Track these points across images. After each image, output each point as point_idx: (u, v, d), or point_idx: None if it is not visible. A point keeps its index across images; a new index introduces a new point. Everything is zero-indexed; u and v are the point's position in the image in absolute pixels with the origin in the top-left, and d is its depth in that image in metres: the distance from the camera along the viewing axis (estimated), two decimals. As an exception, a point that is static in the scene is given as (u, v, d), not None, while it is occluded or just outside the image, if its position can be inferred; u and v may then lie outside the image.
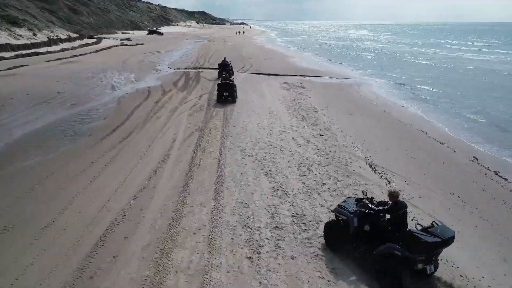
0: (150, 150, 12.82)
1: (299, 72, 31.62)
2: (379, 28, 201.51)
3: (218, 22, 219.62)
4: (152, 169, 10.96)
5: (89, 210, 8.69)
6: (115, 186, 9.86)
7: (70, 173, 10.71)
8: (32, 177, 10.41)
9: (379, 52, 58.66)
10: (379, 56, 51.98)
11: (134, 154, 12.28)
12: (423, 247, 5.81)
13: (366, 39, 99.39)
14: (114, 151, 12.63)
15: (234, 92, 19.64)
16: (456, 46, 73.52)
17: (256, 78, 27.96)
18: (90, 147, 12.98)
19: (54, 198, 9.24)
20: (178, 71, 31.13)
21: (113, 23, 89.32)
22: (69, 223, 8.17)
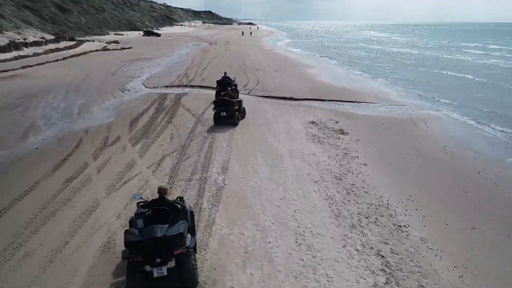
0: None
1: (326, 94, 21.69)
2: (386, 28, 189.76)
3: (225, 22, 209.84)
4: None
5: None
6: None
7: None
8: None
9: (408, 58, 48.34)
10: (414, 65, 41.72)
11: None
12: (129, 246, 5.30)
13: (381, 41, 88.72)
14: None
15: (235, 112, 14.60)
16: (483, 50, 62.76)
17: (264, 107, 18.12)
18: None
19: None
20: (153, 92, 21.41)
21: (108, 23, 79.95)
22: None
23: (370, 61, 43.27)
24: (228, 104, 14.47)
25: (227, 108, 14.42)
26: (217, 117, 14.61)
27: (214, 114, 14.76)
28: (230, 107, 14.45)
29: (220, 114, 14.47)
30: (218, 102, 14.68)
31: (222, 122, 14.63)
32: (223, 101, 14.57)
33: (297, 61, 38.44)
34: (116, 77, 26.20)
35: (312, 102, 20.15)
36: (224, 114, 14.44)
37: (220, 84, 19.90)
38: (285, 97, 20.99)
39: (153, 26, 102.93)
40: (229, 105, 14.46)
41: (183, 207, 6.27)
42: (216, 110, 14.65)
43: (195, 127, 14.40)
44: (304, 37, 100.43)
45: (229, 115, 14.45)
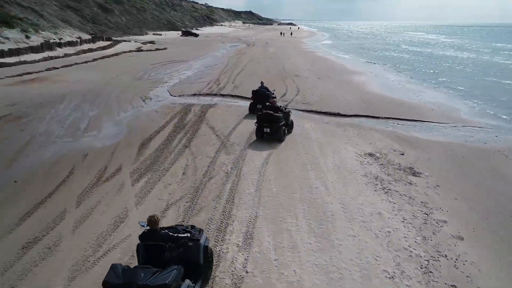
0: None
1: (380, 110, 17.78)
2: (431, 30, 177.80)
3: (265, 22, 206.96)
4: None
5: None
6: None
7: None
8: None
9: (466, 64, 42.63)
10: (476, 73, 36.29)
11: None
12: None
13: (430, 43, 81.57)
14: None
15: (280, 128, 12.58)
16: None
17: (305, 127, 14.56)
18: None
19: None
20: (176, 102, 18.50)
21: (148, 23, 79.29)
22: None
23: (424, 67, 38.25)
24: (272, 120, 12.38)
25: (272, 124, 12.39)
26: (260, 133, 12.73)
27: (257, 129, 12.79)
28: (274, 123, 12.39)
29: (263, 130, 12.57)
30: (262, 117, 12.58)
31: (265, 138, 12.68)
32: (267, 116, 12.48)
33: (342, 66, 34.35)
34: (141, 82, 23.62)
35: (364, 120, 16.35)
36: (267, 131, 12.51)
37: (256, 95, 16.72)
38: (331, 113, 17.30)
39: (193, 26, 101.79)
40: (274, 121, 12.39)
41: (195, 241, 5.21)
42: (258, 125, 12.69)
43: (217, 156, 11.15)
44: (346, 38, 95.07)
45: (274, 131, 12.46)
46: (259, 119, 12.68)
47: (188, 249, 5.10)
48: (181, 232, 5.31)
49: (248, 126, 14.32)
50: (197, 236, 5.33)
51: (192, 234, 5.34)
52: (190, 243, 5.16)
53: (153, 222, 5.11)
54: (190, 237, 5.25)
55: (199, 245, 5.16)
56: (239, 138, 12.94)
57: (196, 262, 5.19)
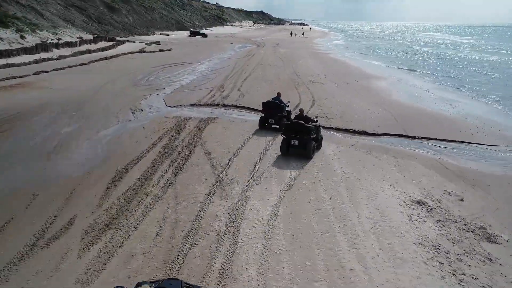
0: None
1: (414, 126, 14.56)
2: (445, 30, 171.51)
3: (276, 22, 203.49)
4: None
5: None
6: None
7: None
8: None
9: (495, 68, 38.85)
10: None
11: None
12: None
13: (448, 44, 77.20)
14: None
15: (311, 142, 10.64)
16: None
17: (326, 153, 11.41)
18: None
19: None
20: (171, 114, 15.53)
21: (156, 22, 76.74)
22: None
23: (448, 70, 34.63)
24: (303, 130, 10.66)
25: (301, 135, 10.66)
26: (286, 147, 10.93)
27: (283, 141, 11.07)
28: (305, 134, 10.68)
29: (290, 143, 10.83)
30: (290, 127, 10.98)
31: (291, 153, 10.95)
32: (297, 126, 10.83)
33: (359, 69, 31.01)
34: (136, 88, 20.74)
35: (396, 141, 13.18)
36: (295, 143, 10.76)
37: (267, 107, 13.75)
38: (355, 131, 14.13)
39: (203, 26, 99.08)
40: (304, 132, 10.68)
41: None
42: (286, 136, 10.94)
43: (208, 202, 8.11)
44: (359, 39, 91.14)
45: (303, 144, 10.70)
46: (287, 129, 10.95)
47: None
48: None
49: (253, 151, 11.27)
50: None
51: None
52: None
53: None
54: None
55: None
56: (241, 170, 9.88)
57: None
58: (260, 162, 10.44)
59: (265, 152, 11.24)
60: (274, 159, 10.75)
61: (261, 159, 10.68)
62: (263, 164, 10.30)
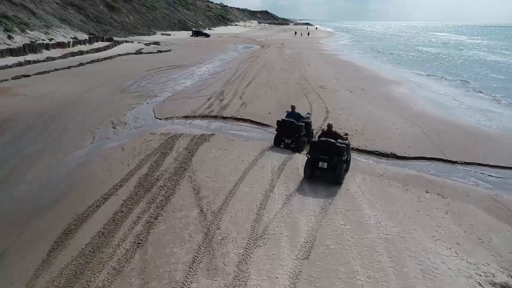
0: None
1: (452, 146, 11.84)
2: (454, 30, 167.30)
3: (281, 22, 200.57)
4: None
5: None
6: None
7: None
8: None
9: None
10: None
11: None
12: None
13: (458, 43, 73.98)
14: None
15: (342, 164, 8.86)
16: None
17: (350, 187, 8.74)
18: None
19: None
20: (159, 130, 12.90)
21: (157, 22, 74.23)
22: None
23: (467, 73, 31.75)
24: (333, 151, 8.96)
25: (331, 156, 8.93)
26: (311, 169, 9.15)
27: (307, 163, 9.25)
28: (335, 155, 8.94)
29: (318, 165, 9.07)
30: (318, 146, 9.19)
31: (316, 176, 9.15)
32: (326, 145, 9.09)
33: (373, 73, 28.24)
34: (124, 96, 18.14)
35: (435, 168, 10.48)
36: (324, 166, 9.00)
37: (283, 128, 11.12)
38: (382, 153, 11.44)
39: (206, 26, 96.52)
40: (335, 152, 8.95)
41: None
42: (311, 156, 9.20)
43: (188, 285, 5.45)
44: (365, 39, 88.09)
45: (332, 167, 8.94)
46: (314, 148, 9.19)
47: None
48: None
49: (256, 186, 8.61)
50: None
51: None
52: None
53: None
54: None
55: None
56: (239, 219, 7.23)
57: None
58: (265, 205, 7.78)
59: (272, 188, 8.57)
60: (283, 199, 8.08)
61: (266, 199, 8.01)
62: (269, 209, 7.64)
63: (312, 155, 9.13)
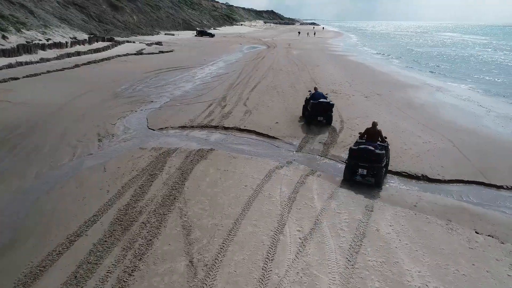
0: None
1: (489, 165, 9.98)
2: (467, 30, 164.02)
3: (287, 22, 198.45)
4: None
5: None
6: None
7: None
8: None
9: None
10: None
11: None
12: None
13: (469, 44, 71.55)
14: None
15: (381, 170, 8.68)
16: None
17: (380, 227, 6.96)
18: None
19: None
20: (149, 145, 11.19)
21: (161, 22, 72.73)
22: None
23: (485, 75, 29.67)
24: (372, 159, 8.56)
25: (372, 163, 8.54)
26: (350, 174, 8.90)
27: (347, 168, 8.98)
28: (375, 162, 8.54)
29: (357, 172, 8.79)
30: (357, 154, 8.73)
31: (355, 181, 8.86)
32: (365, 153, 8.63)
33: (387, 75, 26.33)
34: (116, 101, 16.49)
35: (477, 194, 8.67)
36: (363, 172, 8.70)
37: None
38: (411, 175, 9.62)
39: (211, 26, 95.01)
40: (374, 159, 8.54)
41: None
42: (351, 163, 8.83)
43: None
44: (374, 39, 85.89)
45: (372, 173, 8.64)
46: (353, 156, 8.86)
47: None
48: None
49: (262, 225, 6.84)
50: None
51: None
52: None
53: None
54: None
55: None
56: (239, 278, 5.48)
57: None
58: (274, 253, 6.02)
59: (282, 228, 6.80)
60: (297, 245, 6.31)
61: (275, 245, 6.25)
62: (279, 261, 5.87)
63: (352, 161, 8.80)
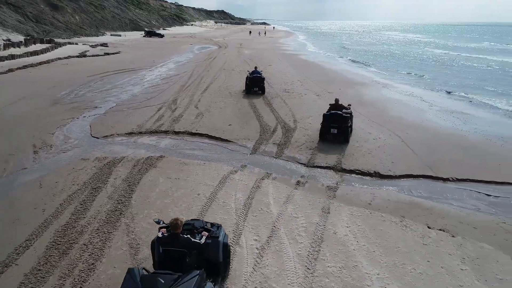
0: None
1: (436, 158, 10.34)
2: (415, 29, 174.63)
3: (238, 22, 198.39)
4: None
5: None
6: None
7: None
8: None
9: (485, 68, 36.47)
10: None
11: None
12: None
13: (410, 42, 76.06)
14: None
15: (347, 129, 11.87)
16: None
17: (337, 229, 6.84)
18: None
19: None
20: (92, 155, 10.31)
21: (106, 22, 69.29)
22: None
23: (421, 69, 31.43)
24: (341, 120, 11.68)
25: (340, 124, 11.65)
26: (325, 134, 11.89)
27: (322, 129, 11.99)
28: (343, 123, 11.69)
29: (330, 131, 11.77)
30: (329, 118, 11.82)
31: (328, 139, 11.80)
32: (336, 117, 11.72)
33: (337, 73, 26.91)
34: (57, 108, 15.20)
35: (426, 188, 8.91)
36: (334, 131, 11.71)
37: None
38: (364, 172, 9.69)
39: (161, 26, 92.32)
40: (342, 121, 11.70)
41: (214, 239, 4.92)
42: (325, 125, 11.82)
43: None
44: (323, 37, 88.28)
45: (341, 132, 11.71)
46: (327, 119, 11.83)
47: (207, 248, 4.76)
48: (199, 229, 5.05)
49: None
50: (216, 233, 5.04)
51: (211, 232, 5.02)
52: (208, 240, 4.84)
53: (176, 226, 4.63)
54: (209, 235, 4.93)
55: (218, 243, 4.92)
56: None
57: (215, 261, 4.85)
58: (231, 267, 5.61)
59: (238, 238, 6.42)
60: (254, 256, 5.96)
61: (231, 260, 5.85)
62: (235, 275, 5.49)
63: (325, 124, 11.70)
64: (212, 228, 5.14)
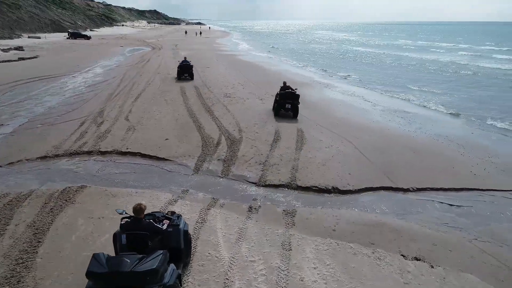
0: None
1: (391, 165, 9.73)
2: (339, 28, 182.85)
3: (172, 22, 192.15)
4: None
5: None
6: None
7: None
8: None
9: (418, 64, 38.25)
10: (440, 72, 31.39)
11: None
12: (90, 277, 4.02)
13: (352, 41, 79.05)
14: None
15: (297, 106, 14.19)
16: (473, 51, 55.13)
17: (302, 274, 5.62)
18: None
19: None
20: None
21: (23, 23, 62.02)
22: None
23: (353, 67, 32.08)
24: (293, 97, 14.08)
25: (292, 101, 14.02)
26: (279, 109, 14.21)
27: (277, 105, 14.33)
28: (295, 100, 14.08)
29: (285, 106, 14.05)
30: (283, 95, 14.18)
31: (280, 115, 14.22)
32: (290, 94, 14.11)
33: (278, 74, 26.07)
34: None
35: (389, 202, 8.14)
36: (288, 107, 14.05)
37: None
38: (321, 189, 8.65)
39: (87, 27, 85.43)
40: (294, 98, 14.08)
41: (175, 227, 5.06)
42: (280, 101, 14.21)
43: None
44: (258, 37, 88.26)
45: (293, 108, 14.07)
46: (283, 97, 14.09)
47: (169, 235, 4.94)
48: (160, 218, 5.17)
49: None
50: (177, 222, 5.18)
51: (171, 220, 5.19)
52: (170, 228, 5.02)
53: (139, 211, 4.78)
54: (170, 223, 5.12)
55: (179, 230, 5.06)
56: None
57: (177, 247, 5.00)
58: None
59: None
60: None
61: None
62: None
63: (280, 101, 14.03)
64: (172, 216, 5.27)
